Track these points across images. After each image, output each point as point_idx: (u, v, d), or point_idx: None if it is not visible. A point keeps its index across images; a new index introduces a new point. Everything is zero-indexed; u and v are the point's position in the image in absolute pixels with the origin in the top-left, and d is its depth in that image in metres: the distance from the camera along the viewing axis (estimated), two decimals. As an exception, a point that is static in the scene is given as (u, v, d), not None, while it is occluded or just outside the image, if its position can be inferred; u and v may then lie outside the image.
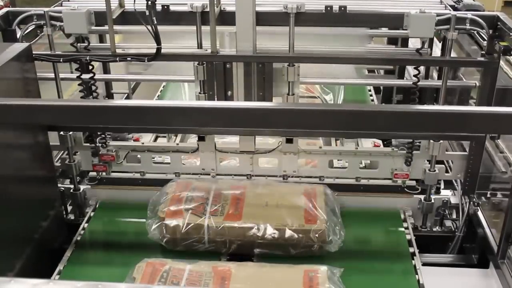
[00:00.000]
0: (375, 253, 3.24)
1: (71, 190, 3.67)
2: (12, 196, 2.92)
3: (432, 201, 3.59)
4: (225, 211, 3.20)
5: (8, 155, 2.90)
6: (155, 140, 4.07)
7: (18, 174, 2.99)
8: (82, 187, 3.71)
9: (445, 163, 3.63)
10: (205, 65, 3.24)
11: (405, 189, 3.57)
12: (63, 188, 3.67)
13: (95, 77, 3.41)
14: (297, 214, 3.17)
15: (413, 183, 3.57)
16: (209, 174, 3.60)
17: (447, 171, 3.58)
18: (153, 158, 3.67)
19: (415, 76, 3.32)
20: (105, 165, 3.60)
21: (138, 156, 3.63)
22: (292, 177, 3.60)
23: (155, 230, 3.17)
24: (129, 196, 3.64)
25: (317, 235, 3.07)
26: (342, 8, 3.17)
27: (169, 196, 3.30)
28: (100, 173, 3.65)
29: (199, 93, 3.32)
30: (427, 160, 3.49)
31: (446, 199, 3.62)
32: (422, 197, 3.61)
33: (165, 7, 3.22)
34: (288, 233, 3.09)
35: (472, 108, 3.22)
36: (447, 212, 3.67)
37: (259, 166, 3.60)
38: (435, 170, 3.47)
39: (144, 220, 3.28)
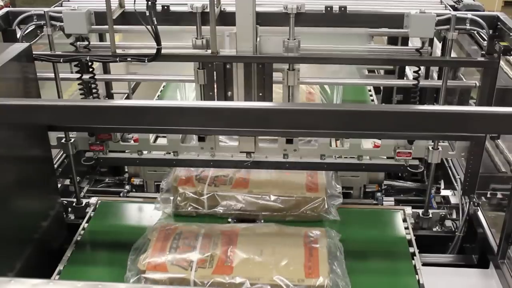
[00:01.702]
0: (375, 253, 3.24)
1: (74, 204, 3.69)
2: (12, 196, 2.92)
3: (430, 215, 3.60)
4: (214, 262, 2.87)
5: (8, 155, 2.89)
6: (155, 140, 4.07)
7: (18, 174, 2.99)
8: (84, 200, 3.71)
9: (449, 143, 3.59)
10: (205, 70, 3.24)
11: (408, 168, 3.53)
12: (65, 202, 3.67)
13: (95, 77, 3.42)
14: (296, 266, 2.85)
15: (416, 162, 3.53)
16: (209, 154, 3.56)
17: (450, 151, 3.53)
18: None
19: (415, 76, 3.32)
20: (102, 145, 3.57)
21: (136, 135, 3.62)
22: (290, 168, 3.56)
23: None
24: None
25: None
26: (342, 8, 3.17)
27: (152, 243, 3.03)
28: (97, 153, 3.62)
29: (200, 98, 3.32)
30: None
31: (444, 213, 3.65)
32: (420, 211, 3.62)
33: (165, 7, 3.22)
34: None
35: (472, 108, 3.21)
36: (447, 212, 3.68)
37: (259, 145, 3.53)
38: (438, 148, 3.43)
39: (144, 219, 3.28)
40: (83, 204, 3.70)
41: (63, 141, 3.55)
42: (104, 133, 3.53)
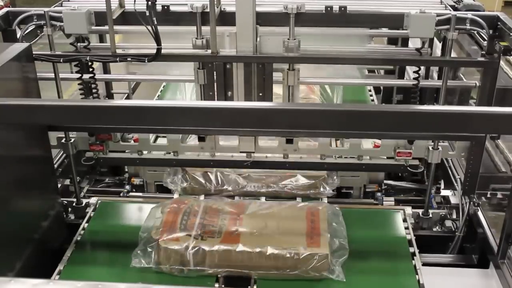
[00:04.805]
0: (375, 253, 3.23)
1: (74, 204, 3.69)
2: (12, 196, 2.92)
3: (430, 215, 3.60)
4: None
5: (8, 155, 2.89)
6: (155, 140, 4.07)
7: (18, 174, 2.98)
8: (84, 200, 3.71)
9: (449, 142, 3.58)
10: (205, 70, 3.24)
11: (408, 168, 3.53)
12: (65, 202, 3.67)
13: (95, 77, 3.42)
14: None
15: (416, 162, 3.52)
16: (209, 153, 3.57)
17: (450, 151, 3.53)
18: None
19: (415, 76, 3.32)
20: (102, 145, 3.57)
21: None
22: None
23: None
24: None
25: None
26: (342, 8, 3.17)
27: None
28: (97, 153, 3.62)
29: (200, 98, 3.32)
30: None
31: (444, 213, 3.65)
32: (420, 211, 3.62)
33: (165, 7, 3.22)
34: None
35: (472, 108, 3.21)
36: (447, 212, 3.68)
37: (260, 145, 3.52)
38: (438, 148, 3.43)
39: (143, 220, 3.28)
40: (83, 204, 3.69)
41: (63, 141, 3.55)
42: (104, 133, 3.53)
